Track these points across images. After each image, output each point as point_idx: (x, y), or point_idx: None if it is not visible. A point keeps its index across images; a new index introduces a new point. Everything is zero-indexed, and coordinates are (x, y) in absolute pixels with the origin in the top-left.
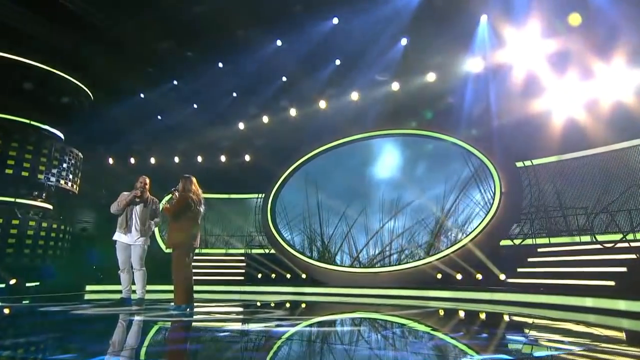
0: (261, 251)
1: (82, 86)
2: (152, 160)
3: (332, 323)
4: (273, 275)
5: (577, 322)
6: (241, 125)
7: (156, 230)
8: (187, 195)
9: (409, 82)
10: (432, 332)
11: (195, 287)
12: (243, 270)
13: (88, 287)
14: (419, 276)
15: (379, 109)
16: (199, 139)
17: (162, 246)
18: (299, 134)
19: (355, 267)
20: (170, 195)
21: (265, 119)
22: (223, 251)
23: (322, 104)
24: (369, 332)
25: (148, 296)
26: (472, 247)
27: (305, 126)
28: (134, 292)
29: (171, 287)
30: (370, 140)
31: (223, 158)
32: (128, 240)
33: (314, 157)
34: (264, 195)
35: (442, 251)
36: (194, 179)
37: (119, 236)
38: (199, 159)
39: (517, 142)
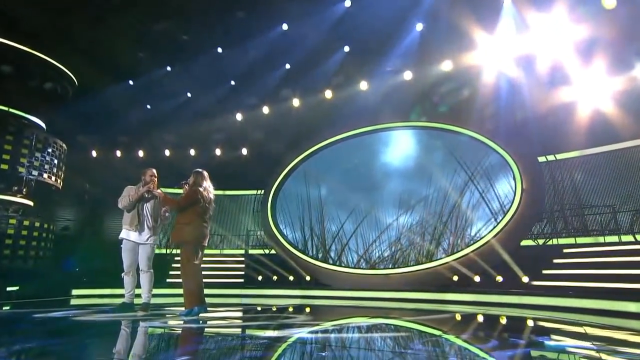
0: (261, 251)
1: (66, 70)
2: (140, 153)
3: (353, 330)
4: (275, 278)
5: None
6: (239, 116)
7: None
8: (197, 190)
9: (423, 71)
10: (471, 344)
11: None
12: (242, 272)
13: (74, 292)
14: (433, 278)
15: (389, 99)
16: (193, 130)
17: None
18: (302, 127)
19: (364, 269)
20: (179, 190)
21: (265, 110)
22: (218, 252)
23: (328, 94)
24: (399, 342)
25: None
26: (492, 246)
27: (309, 118)
28: (137, 296)
29: (165, 291)
30: (380, 133)
31: (218, 151)
32: (137, 239)
33: (318, 150)
34: (263, 191)
35: (459, 251)
36: (206, 174)
37: (127, 234)
38: (192, 152)
39: (540, 136)
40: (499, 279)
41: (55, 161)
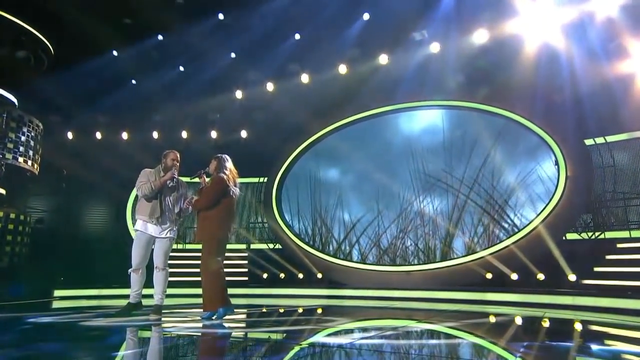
0: (265, 246)
1: (41, 37)
2: (124, 135)
3: (394, 337)
4: (282, 275)
5: None
6: (239, 94)
7: (129, 217)
8: (222, 178)
9: (454, 43)
10: None
11: (188, 290)
12: (246, 270)
13: (57, 293)
14: (462, 275)
15: (412, 76)
16: (185, 109)
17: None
18: (312, 106)
19: (383, 265)
20: (196, 180)
21: (269, 87)
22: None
23: (342, 69)
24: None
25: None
26: (537, 237)
27: (320, 96)
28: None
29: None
30: (402, 112)
31: (214, 134)
32: (156, 232)
33: (330, 133)
34: (267, 179)
35: (496, 244)
36: (229, 158)
37: (144, 226)
38: (184, 134)
39: (587, 116)
40: (541, 276)
41: (32, 143)
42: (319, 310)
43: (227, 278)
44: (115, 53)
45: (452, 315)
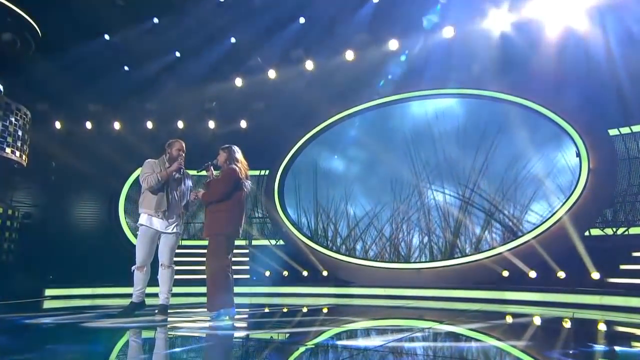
0: (266, 242)
1: (27, 18)
2: (116, 125)
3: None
4: (285, 273)
5: None
6: (238, 82)
7: (122, 212)
8: (234, 169)
9: (468, 27)
10: None
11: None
12: (247, 267)
13: (48, 292)
14: (476, 273)
15: (423, 61)
16: (181, 98)
17: (130, 237)
18: (316, 94)
19: (392, 262)
20: (203, 172)
21: (271, 74)
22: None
23: (350, 55)
24: None
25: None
26: (560, 231)
27: (325, 84)
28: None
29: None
30: (413, 101)
31: (211, 124)
32: (161, 227)
33: (335, 123)
34: (269, 171)
35: (513, 240)
36: (238, 149)
37: (149, 221)
38: (179, 124)
39: (612, 103)
40: (561, 274)
41: (20, 132)
42: (325, 310)
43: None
44: (107, 37)
45: (475, 315)
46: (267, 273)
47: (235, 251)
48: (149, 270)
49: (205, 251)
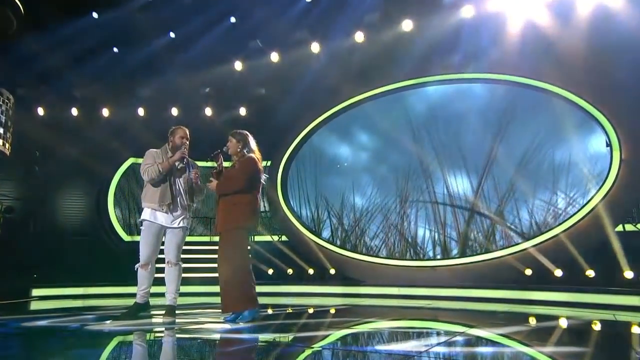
0: (268, 238)
1: None
2: (105, 112)
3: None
4: (290, 271)
5: None
6: (238, 65)
7: (111, 205)
8: (254, 159)
9: (484, 7)
10: None
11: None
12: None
13: (35, 292)
14: (497, 271)
15: (444, 45)
16: (175, 83)
17: (120, 233)
18: (323, 79)
19: (405, 259)
20: (213, 162)
21: (274, 57)
22: (207, 239)
23: (359, 37)
24: None
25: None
26: (586, 229)
27: (332, 68)
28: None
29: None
30: (428, 86)
31: (208, 111)
32: (166, 222)
33: (342, 110)
34: (270, 163)
35: (541, 234)
36: (249, 134)
37: (152, 215)
38: (174, 111)
39: None
40: (590, 273)
41: (3, 118)
42: (340, 310)
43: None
44: (95, 15)
45: (505, 318)
46: (270, 271)
47: None
48: (153, 268)
49: (214, 247)
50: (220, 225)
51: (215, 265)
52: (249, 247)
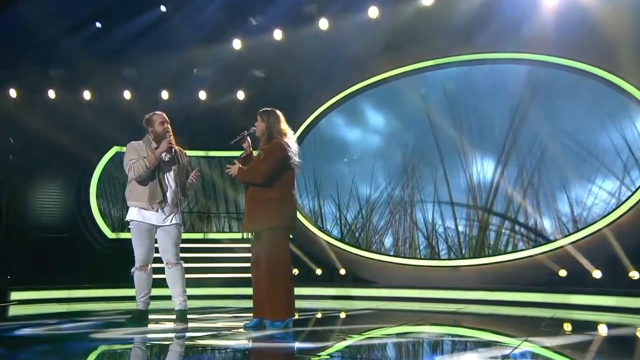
0: None
1: None
2: (86, 95)
3: None
4: (295, 272)
5: None
6: (237, 44)
7: (93, 199)
8: (280, 144)
9: None
10: None
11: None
12: (248, 265)
13: (15, 296)
14: (526, 272)
15: (463, 19)
16: (166, 62)
17: (103, 229)
18: (332, 60)
19: (422, 259)
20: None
21: (277, 35)
22: (201, 235)
23: (373, 12)
24: None
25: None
26: (631, 224)
27: (343, 47)
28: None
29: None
30: (451, 67)
31: (202, 95)
32: (157, 220)
33: (352, 95)
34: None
35: (579, 229)
36: (281, 115)
37: (141, 215)
38: (164, 94)
39: None
40: (634, 275)
41: None
42: (363, 315)
43: (227, 275)
44: None
45: (554, 325)
46: None
47: (236, 245)
48: (151, 270)
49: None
50: (247, 225)
51: (208, 265)
52: (288, 249)
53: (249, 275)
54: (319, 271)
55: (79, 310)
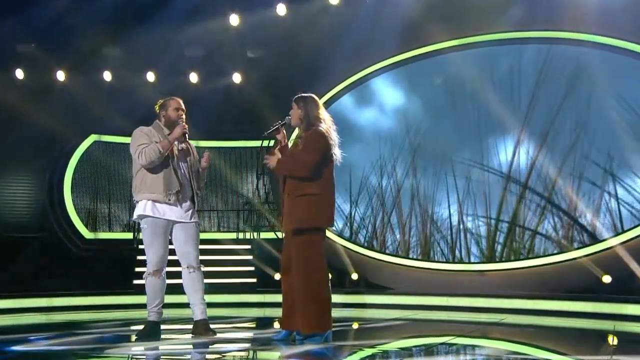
0: (272, 235)
1: None
2: (60, 75)
3: None
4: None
5: None
6: (234, 20)
7: (68, 196)
8: (322, 133)
9: None
10: None
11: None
12: (252, 268)
13: None
14: (565, 277)
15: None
16: (152, 41)
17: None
18: (343, 39)
19: (444, 263)
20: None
21: (280, 9)
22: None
23: None
24: None
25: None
26: None
27: (357, 25)
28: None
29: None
30: (469, 50)
31: (194, 77)
32: (176, 215)
33: (366, 78)
34: (273, 142)
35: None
36: (319, 101)
37: (154, 209)
38: (150, 76)
39: None
40: None
41: None
42: (399, 326)
43: (228, 280)
44: None
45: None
46: (277, 276)
47: (233, 247)
48: (165, 275)
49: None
50: (286, 222)
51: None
52: (325, 252)
53: (247, 280)
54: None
55: (68, 321)
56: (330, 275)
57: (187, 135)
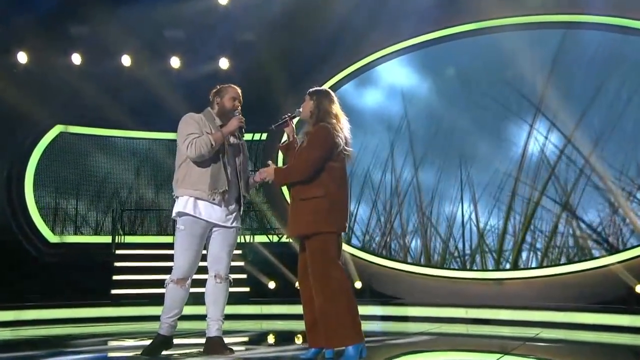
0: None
1: None
2: (22, 58)
3: None
4: (298, 284)
5: None
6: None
7: (30, 196)
8: (326, 129)
9: None
10: None
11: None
12: (244, 276)
13: None
14: (592, 286)
15: None
16: (129, 20)
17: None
18: (342, 24)
19: (458, 270)
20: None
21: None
22: None
23: None
24: None
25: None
26: None
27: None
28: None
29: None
30: (492, 34)
31: (176, 61)
32: (217, 217)
33: (367, 67)
34: (266, 135)
35: None
36: (334, 95)
37: (196, 207)
38: (125, 60)
39: None
40: None
41: None
42: (425, 341)
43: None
44: None
45: None
46: (272, 284)
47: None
48: (189, 286)
49: None
50: (291, 227)
51: None
52: (340, 257)
53: (239, 289)
54: None
55: (25, 336)
56: (351, 283)
57: (243, 129)
